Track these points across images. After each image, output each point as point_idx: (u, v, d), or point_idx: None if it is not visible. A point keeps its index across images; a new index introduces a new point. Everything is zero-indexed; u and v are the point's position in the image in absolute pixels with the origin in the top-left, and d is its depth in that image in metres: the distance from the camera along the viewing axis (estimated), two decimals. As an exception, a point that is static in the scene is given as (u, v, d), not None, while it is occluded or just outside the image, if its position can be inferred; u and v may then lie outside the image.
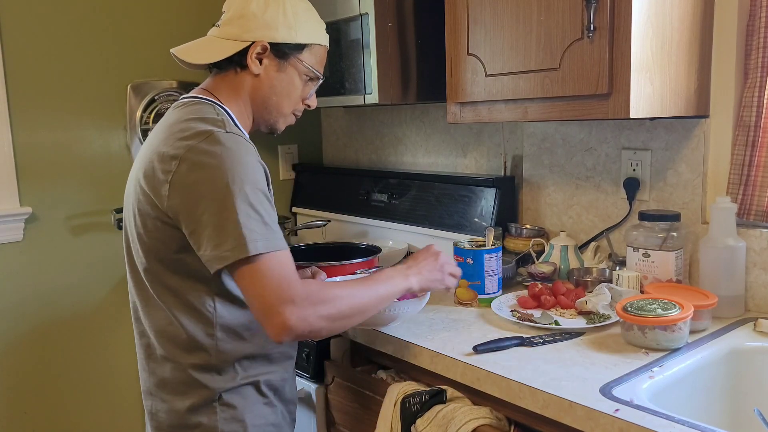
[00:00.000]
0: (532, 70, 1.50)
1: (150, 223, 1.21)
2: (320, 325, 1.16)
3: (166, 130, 1.23)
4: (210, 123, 1.19)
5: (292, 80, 1.33)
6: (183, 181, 1.15)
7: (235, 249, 1.11)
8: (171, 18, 2.36)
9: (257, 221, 1.14)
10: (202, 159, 1.14)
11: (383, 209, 2.30)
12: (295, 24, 1.30)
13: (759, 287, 1.52)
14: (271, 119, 1.37)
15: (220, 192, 1.12)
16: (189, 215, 1.14)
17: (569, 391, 1.13)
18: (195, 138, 1.16)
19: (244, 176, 1.14)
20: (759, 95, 1.48)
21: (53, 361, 2.22)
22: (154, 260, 1.23)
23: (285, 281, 1.14)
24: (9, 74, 2.07)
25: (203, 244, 1.14)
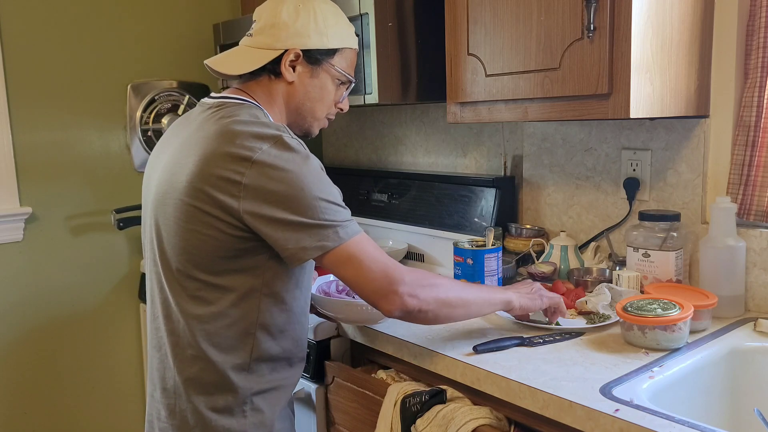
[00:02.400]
0: (532, 70, 1.50)
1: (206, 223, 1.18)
2: (428, 307, 1.24)
3: (224, 131, 1.19)
4: (274, 128, 1.21)
5: (325, 85, 1.35)
6: (258, 184, 1.15)
7: (328, 238, 1.17)
8: (171, 18, 2.36)
9: (340, 211, 1.20)
10: (276, 162, 1.16)
11: (383, 209, 2.30)
12: (326, 30, 1.32)
13: (759, 287, 1.52)
14: (306, 124, 1.39)
15: (301, 191, 1.16)
16: (269, 216, 1.15)
17: (569, 391, 1.13)
18: (264, 140, 1.17)
19: (316, 174, 1.20)
20: (759, 95, 1.48)
21: (53, 361, 2.23)
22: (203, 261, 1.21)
23: (388, 261, 1.22)
24: (9, 74, 2.07)
25: (290, 240, 1.16)
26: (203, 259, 1.20)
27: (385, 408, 1.37)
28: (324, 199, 1.18)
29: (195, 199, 1.17)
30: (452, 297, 1.29)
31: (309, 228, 1.16)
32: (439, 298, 1.27)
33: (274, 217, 1.15)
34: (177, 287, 1.24)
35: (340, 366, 1.58)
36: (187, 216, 1.19)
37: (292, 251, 1.17)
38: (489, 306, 1.37)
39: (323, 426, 1.62)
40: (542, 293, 1.45)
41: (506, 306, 1.38)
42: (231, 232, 1.17)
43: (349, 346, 1.64)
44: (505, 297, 1.38)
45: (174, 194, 1.21)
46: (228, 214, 1.16)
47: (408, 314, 1.24)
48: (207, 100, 1.33)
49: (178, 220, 1.21)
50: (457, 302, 1.30)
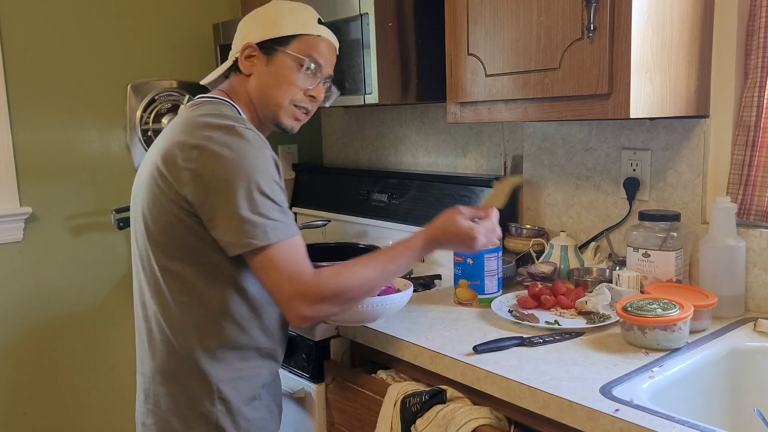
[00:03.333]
0: (532, 70, 1.50)
1: (167, 210, 1.25)
2: (332, 312, 1.28)
3: (186, 123, 1.28)
4: (231, 119, 1.26)
5: (280, 71, 1.37)
6: (203, 170, 1.20)
7: (256, 236, 1.19)
8: (171, 18, 2.36)
9: (275, 209, 1.22)
10: (222, 150, 1.20)
11: (383, 209, 2.30)
12: (279, 20, 1.37)
13: (759, 287, 1.52)
14: (272, 113, 1.41)
15: (240, 181, 1.19)
16: (208, 203, 1.20)
17: (569, 391, 1.13)
18: (216, 130, 1.23)
19: (262, 167, 1.22)
20: (759, 95, 1.48)
21: (53, 361, 2.22)
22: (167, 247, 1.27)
23: (298, 272, 1.22)
24: (9, 74, 2.07)
25: (223, 230, 1.20)
26: (167, 246, 1.27)
27: (385, 408, 1.37)
28: (263, 192, 1.21)
29: (157, 188, 1.25)
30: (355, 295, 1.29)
31: (243, 222, 1.19)
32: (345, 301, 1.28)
33: (215, 206, 1.20)
34: (148, 275, 1.31)
35: (340, 366, 1.58)
36: (152, 205, 1.27)
37: (225, 243, 1.22)
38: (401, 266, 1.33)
39: (323, 426, 1.62)
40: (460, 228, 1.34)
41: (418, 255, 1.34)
42: (187, 219, 1.23)
43: (349, 346, 1.64)
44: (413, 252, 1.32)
45: (143, 186, 1.30)
46: (183, 201, 1.22)
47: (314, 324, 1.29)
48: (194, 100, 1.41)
49: (145, 209, 1.28)
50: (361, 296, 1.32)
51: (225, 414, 1.29)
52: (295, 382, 1.67)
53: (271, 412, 1.40)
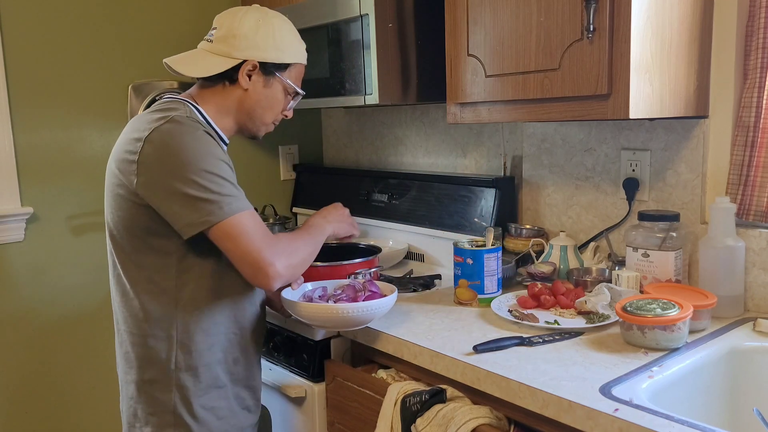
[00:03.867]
0: (531, 71, 1.50)
1: (123, 205, 1.31)
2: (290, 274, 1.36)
3: (136, 121, 1.36)
4: (172, 111, 1.33)
5: (275, 95, 1.47)
6: (148, 160, 1.27)
7: (212, 213, 1.25)
8: (172, 18, 2.36)
9: (225, 185, 1.28)
10: (164, 138, 1.27)
11: (383, 209, 2.30)
12: (282, 46, 1.44)
13: (758, 287, 1.53)
14: (254, 128, 1.50)
15: (186, 165, 1.25)
16: (159, 190, 1.26)
17: (569, 390, 1.14)
18: (157, 122, 1.29)
19: (205, 148, 1.29)
20: (758, 96, 1.48)
21: (54, 361, 2.23)
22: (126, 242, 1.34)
23: (267, 236, 1.31)
24: (10, 74, 2.08)
25: (177, 214, 1.26)
26: (123, 238, 1.33)
27: (385, 407, 1.38)
28: (210, 171, 1.26)
29: (112, 184, 1.34)
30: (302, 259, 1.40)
31: (195, 201, 1.25)
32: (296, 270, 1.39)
33: (164, 190, 1.26)
34: (115, 272, 1.39)
35: (340, 366, 1.59)
36: (110, 200, 1.35)
37: (181, 226, 1.27)
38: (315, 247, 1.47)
39: (323, 426, 1.62)
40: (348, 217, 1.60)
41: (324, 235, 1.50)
42: (137, 211, 1.30)
43: (349, 345, 1.64)
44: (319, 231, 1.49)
45: (107, 181, 1.37)
46: (131, 193, 1.29)
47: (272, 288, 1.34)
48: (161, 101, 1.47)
49: (109, 204, 1.36)
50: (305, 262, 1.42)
51: (181, 402, 1.34)
52: (295, 382, 1.67)
53: (241, 403, 1.43)
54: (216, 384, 1.38)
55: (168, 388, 1.34)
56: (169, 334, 1.34)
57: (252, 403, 1.47)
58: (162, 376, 1.34)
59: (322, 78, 2.00)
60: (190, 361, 1.35)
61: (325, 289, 1.58)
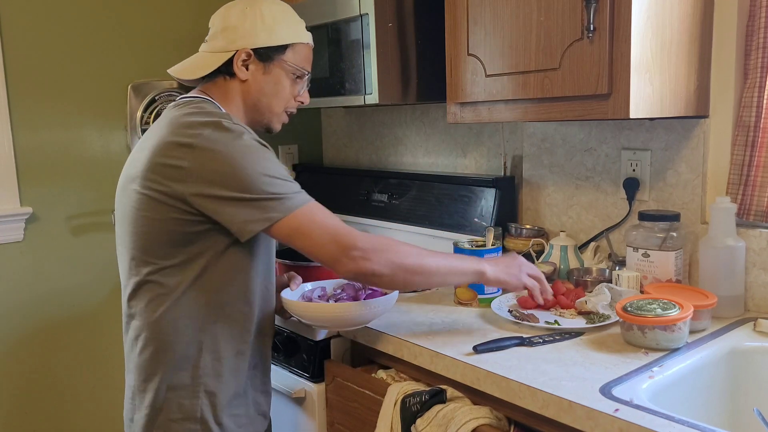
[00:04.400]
0: (532, 70, 1.50)
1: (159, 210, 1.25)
2: (383, 270, 1.27)
3: (171, 124, 1.28)
4: (216, 115, 1.28)
5: (278, 80, 1.41)
6: (201, 167, 1.22)
7: (277, 209, 1.22)
8: (172, 18, 2.36)
9: (285, 184, 1.25)
10: (216, 145, 1.22)
11: (383, 209, 2.30)
12: (274, 27, 1.38)
13: (758, 287, 1.52)
14: (265, 120, 1.45)
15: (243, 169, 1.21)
16: (216, 197, 1.22)
17: (569, 390, 1.14)
18: (204, 127, 1.24)
19: (257, 153, 1.25)
20: (759, 95, 1.48)
21: (54, 361, 2.23)
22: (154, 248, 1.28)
23: (339, 227, 1.26)
24: (9, 74, 2.07)
25: (238, 214, 1.22)
26: (157, 243, 1.27)
27: (385, 408, 1.37)
28: (268, 174, 1.23)
29: (146, 188, 1.26)
30: (411, 263, 1.31)
31: (255, 202, 1.22)
32: (395, 263, 1.29)
33: (220, 195, 1.22)
34: (136, 273, 1.31)
35: (340, 366, 1.59)
36: (140, 204, 1.27)
37: (240, 225, 1.23)
38: (457, 275, 1.39)
39: (323, 426, 1.62)
40: (523, 269, 1.45)
41: (478, 277, 1.39)
42: (180, 216, 1.24)
43: (349, 346, 1.64)
44: (477, 267, 1.38)
45: (130, 185, 1.30)
46: (176, 200, 1.23)
47: (362, 276, 1.28)
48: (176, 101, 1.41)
49: (132, 210, 1.29)
50: (418, 269, 1.32)
51: (209, 408, 1.31)
52: (295, 382, 1.67)
53: (258, 409, 1.41)
54: (239, 390, 1.35)
55: (195, 394, 1.30)
56: (199, 340, 1.29)
57: (266, 409, 1.45)
58: (189, 382, 1.30)
59: (322, 78, 2.00)
60: (219, 367, 1.31)
61: (324, 289, 1.58)
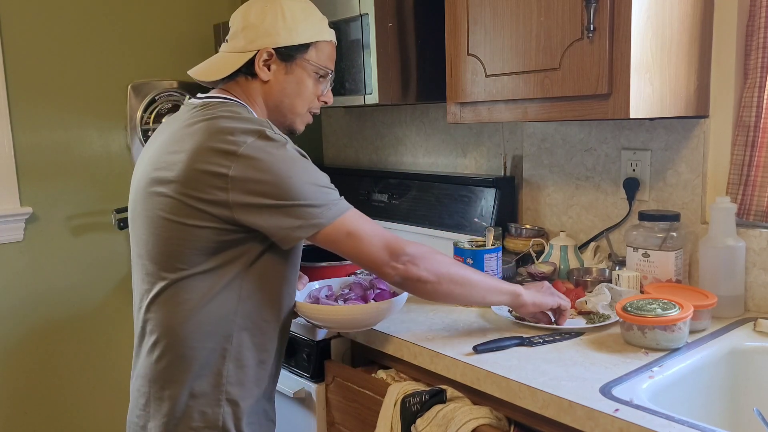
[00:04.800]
0: (532, 70, 1.50)
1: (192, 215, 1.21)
2: (429, 277, 1.29)
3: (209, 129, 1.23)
4: (257, 123, 1.25)
5: (301, 80, 1.38)
6: (245, 176, 1.19)
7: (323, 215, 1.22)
8: (172, 18, 2.36)
9: (329, 192, 1.26)
10: (260, 154, 1.20)
11: (383, 209, 2.30)
12: (294, 26, 1.34)
13: (759, 287, 1.52)
14: (288, 121, 1.42)
15: (288, 179, 1.20)
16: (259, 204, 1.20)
17: (569, 390, 1.13)
18: (247, 135, 1.21)
19: (301, 162, 1.24)
20: (759, 95, 1.48)
21: (54, 361, 2.23)
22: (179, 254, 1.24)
23: (386, 233, 1.28)
24: (9, 74, 2.08)
25: (283, 222, 1.21)
26: (186, 250, 1.24)
27: (385, 408, 1.37)
28: (312, 183, 1.23)
29: (182, 194, 1.21)
30: (455, 273, 1.33)
31: (300, 208, 1.21)
32: (441, 272, 1.31)
33: (264, 204, 1.20)
34: (157, 278, 1.27)
35: (340, 366, 1.59)
36: (173, 209, 1.22)
37: (286, 231, 1.22)
38: (495, 293, 1.40)
39: (323, 426, 1.62)
40: (554, 291, 1.47)
41: (514, 298, 1.39)
42: (216, 225, 1.22)
43: (349, 346, 1.64)
44: (513, 289, 1.40)
45: (158, 188, 1.24)
46: (217, 207, 1.20)
47: (408, 281, 1.29)
48: (193, 100, 1.37)
49: (162, 213, 1.24)
50: (461, 280, 1.33)
51: (231, 416, 1.29)
52: (295, 382, 1.67)
53: (267, 416, 1.40)
54: (255, 398, 1.33)
55: (218, 402, 1.28)
56: (223, 347, 1.27)
57: (273, 415, 1.44)
58: (211, 390, 1.28)
59: (322, 78, 1.99)
60: (242, 375, 1.29)
61: (331, 288, 1.57)
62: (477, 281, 1.37)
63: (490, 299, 1.42)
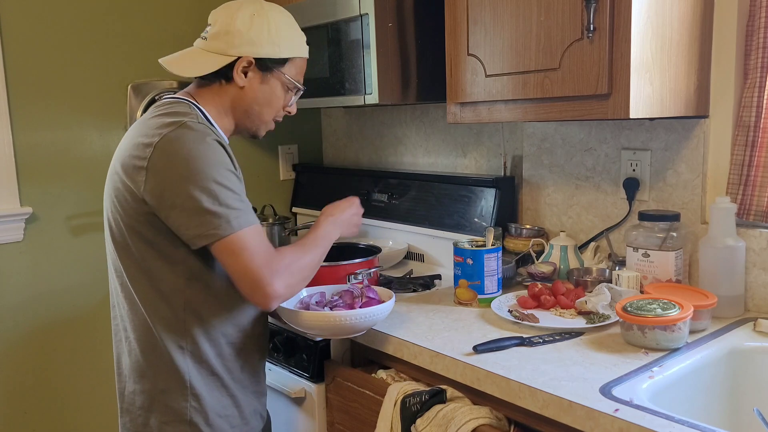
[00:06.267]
0: (532, 71, 1.50)
1: (129, 211, 1.28)
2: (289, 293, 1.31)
3: (142, 124, 1.32)
4: (181, 115, 1.29)
5: (274, 91, 1.42)
6: (158, 167, 1.23)
7: (219, 227, 1.22)
8: (172, 18, 2.36)
9: (234, 198, 1.25)
10: (173, 145, 1.23)
11: (383, 209, 2.30)
12: (279, 40, 1.38)
13: (758, 287, 1.52)
14: (254, 127, 1.46)
15: (195, 175, 1.22)
16: (167, 198, 1.23)
17: (569, 390, 1.14)
18: (167, 127, 1.26)
19: (215, 158, 1.25)
20: (759, 95, 1.48)
21: (53, 361, 2.23)
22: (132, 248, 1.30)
23: (269, 254, 1.27)
24: (9, 74, 2.07)
25: (185, 225, 1.23)
26: (129, 244, 1.29)
27: (385, 408, 1.37)
28: (220, 183, 1.23)
29: (116, 188, 1.30)
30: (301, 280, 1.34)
31: (203, 213, 1.22)
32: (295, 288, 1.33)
33: (172, 199, 1.22)
34: (118, 277, 1.34)
35: (340, 366, 1.59)
36: (115, 204, 1.30)
37: (188, 237, 1.24)
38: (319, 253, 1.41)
39: (323, 426, 1.62)
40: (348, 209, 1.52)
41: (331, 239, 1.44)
42: (144, 217, 1.26)
43: (349, 345, 1.64)
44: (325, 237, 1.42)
45: (110, 184, 1.34)
46: (138, 199, 1.25)
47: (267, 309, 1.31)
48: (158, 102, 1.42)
49: (112, 208, 1.32)
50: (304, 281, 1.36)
51: (198, 411, 1.32)
52: (295, 382, 1.67)
53: (251, 410, 1.41)
54: (227, 392, 1.35)
55: (183, 397, 1.31)
56: (179, 344, 1.30)
57: (261, 409, 1.46)
58: (176, 385, 1.31)
59: (322, 77, 1.99)
60: (202, 369, 1.32)
61: (323, 295, 1.56)
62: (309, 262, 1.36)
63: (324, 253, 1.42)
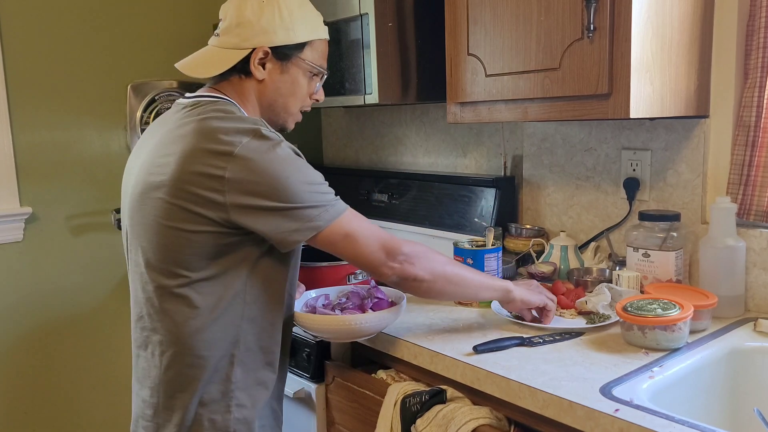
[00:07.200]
0: (532, 70, 1.50)
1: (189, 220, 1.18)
2: (424, 276, 1.30)
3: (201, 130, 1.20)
4: (251, 122, 1.22)
5: (296, 79, 1.35)
6: (242, 177, 1.16)
7: (321, 218, 1.21)
8: (171, 18, 2.36)
9: (326, 192, 1.25)
10: (256, 154, 1.17)
11: (383, 209, 2.30)
12: (292, 24, 1.30)
13: (759, 287, 1.52)
14: (280, 120, 1.39)
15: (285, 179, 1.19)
16: (256, 206, 1.18)
17: (569, 391, 1.13)
18: (244, 135, 1.18)
19: (297, 162, 1.23)
20: (759, 95, 1.48)
21: (53, 361, 2.23)
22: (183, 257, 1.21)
23: (383, 234, 1.28)
24: (9, 74, 2.07)
25: (280, 225, 1.20)
26: (186, 256, 1.20)
27: (385, 408, 1.37)
28: (308, 182, 1.22)
29: (177, 198, 1.18)
30: (450, 272, 1.35)
31: (298, 211, 1.20)
32: (436, 271, 1.32)
33: (262, 206, 1.18)
34: (160, 286, 1.24)
35: (340, 366, 1.58)
36: (169, 215, 1.19)
37: (284, 235, 1.20)
38: (487, 290, 1.42)
39: (323, 426, 1.62)
40: (542, 290, 1.48)
41: (505, 294, 1.42)
42: (215, 229, 1.19)
43: (349, 346, 1.64)
44: (505, 285, 1.42)
45: (153, 194, 1.21)
46: (213, 210, 1.17)
47: (405, 281, 1.30)
48: (182, 100, 1.33)
49: (158, 219, 1.20)
50: (455, 278, 1.35)
51: (241, 421, 1.27)
52: (295, 382, 1.67)
53: (276, 416, 1.38)
54: (264, 400, 1.32)
55: (227, 408, 1.26)
56: (231, 353, 1.26)
57: (281, 414, 1.42)
58: (221, 397, 1.26)
59: (322, 77, 1.99)
60: (250, 379, 1.28)
61: (328, 297, 1.55)
62: (470, 279, 1.39)
63: (483, 296, 1.44)
